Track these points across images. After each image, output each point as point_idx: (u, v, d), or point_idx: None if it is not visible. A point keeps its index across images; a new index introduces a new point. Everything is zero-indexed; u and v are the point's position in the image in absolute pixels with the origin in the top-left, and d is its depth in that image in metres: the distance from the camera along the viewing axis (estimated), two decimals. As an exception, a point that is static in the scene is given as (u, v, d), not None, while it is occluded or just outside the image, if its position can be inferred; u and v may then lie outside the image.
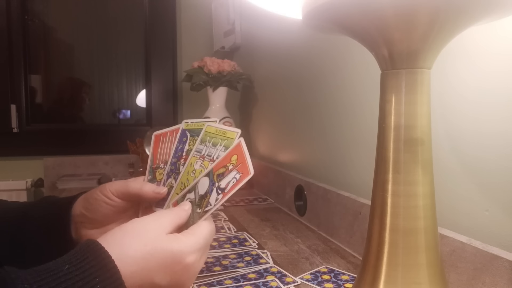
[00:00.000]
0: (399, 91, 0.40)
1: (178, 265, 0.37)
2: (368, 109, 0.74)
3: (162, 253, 0.36)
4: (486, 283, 0.46)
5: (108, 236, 0.36)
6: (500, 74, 0.48)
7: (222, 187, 0.40)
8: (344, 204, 0.76)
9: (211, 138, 0.44)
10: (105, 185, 0.47)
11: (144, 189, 0.45)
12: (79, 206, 0.47)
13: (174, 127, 0.48)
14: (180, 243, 0.37)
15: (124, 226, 0.37)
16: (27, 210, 0.49)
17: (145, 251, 0.35)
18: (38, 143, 1.64)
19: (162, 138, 0.48)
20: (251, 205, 1.10)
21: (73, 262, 0.32)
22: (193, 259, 0.38)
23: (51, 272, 0.30)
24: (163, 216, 0.39)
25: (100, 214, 0.46)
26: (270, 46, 1.25)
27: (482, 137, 0.51)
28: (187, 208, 0.41)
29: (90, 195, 0.47)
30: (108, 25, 1.81)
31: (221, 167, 0.41)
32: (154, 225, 0.37)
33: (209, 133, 0.44)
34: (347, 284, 0.59)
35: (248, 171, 0.39)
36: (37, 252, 0.47)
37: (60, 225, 0.47)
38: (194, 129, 0.46)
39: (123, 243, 0.35)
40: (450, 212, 0.55)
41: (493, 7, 0.37)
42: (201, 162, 0.43)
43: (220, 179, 0.41)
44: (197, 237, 0.39)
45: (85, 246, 0.34)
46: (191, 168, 0.44)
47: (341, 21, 0.42)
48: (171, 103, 1.77)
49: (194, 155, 0.44)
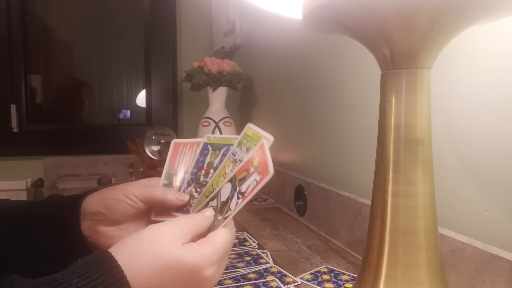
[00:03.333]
0: (399, 91, 0.40)
1: (195, 278, 0.35)
2: (368, 109, 0.74)
3: (178, 267, 0.34)
4: (486, 283, 0.46)
5: (122, 246, 0.34)
6: (500, 74, 0.48)
7: (242, 191, 0.38)
8: (344, 204, 0.76)
9: (247, 141, 0.42)
10: (127, 187, 0.46)
11: (168, 196, 0.45)
12: (96, 205, 0.47)
13: (195, 140, 0.48)
14: (196, 254, 0.35)
15: (140, 234, 0.35)
16: (31, 209, 0.49)
17: (160, 265, 0.33)
18: (38, 143, 1.64)
19: (182, 147, 0.48)
20: (251, 205, 1.10)
21: (83, 276, 0.30)
22: (210, 272, 0.35)
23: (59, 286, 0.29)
24: (182, 222, 0.37)
25: (120, 214, 0.46)
26: (270, 46, 1.25)
27: (482, 137, 0.51)
28: (209, 214, 0.39)
29: (109, 195, 0.47)
30: (108, 25, 1.81)
31: (243, 171, 0.39)
32: (170, 234, 0.35)
33: (247, 136, 0.42)
34: (347, 284, 0.59)
35: (268, 171, 0.37)
36: (41, 251, 0.47)
37: (66, 223, 0.47)
38: (215, 143, 0.46)
39: (137, 255, 0.33)
40: (450, 212, 0.55)
41: (493, 7, 0.37)
42: (232, 166, 0.42)
43: (241, 183, 0.39)
44: (216, 247, 0.36)
45: (97, 258, 0.32)
46: (223, 171, 0.43)
47: (341, 21, 0.42)
48: (171, 103, 1.77)
49: (229, 157, 0.43)
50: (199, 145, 0.47)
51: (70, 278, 0.30)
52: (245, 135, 0.42)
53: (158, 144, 1.27)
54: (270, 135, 0.40)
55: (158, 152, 1.26)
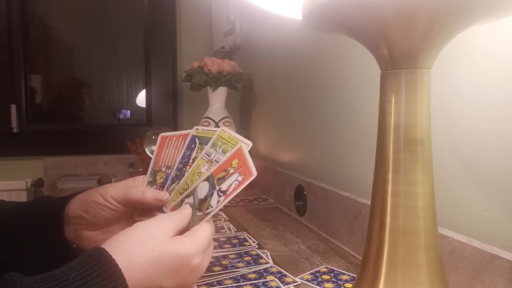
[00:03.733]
0: (399, 91, 0.40)
1: (185, 267, 0.37)
2: (368, 109, 0.74)
3: (169, 258, 0.36)
4: (486, 283, 0.46)
5: (114, 242, 0.36)
6: (500, 74, 0.48)
7: (223, 189, 0.41)
8: (344, 204, 0.76)
9: (222, 144, 0.44)
10: (105, 189, 0.46)
11: (146, 196, 0.44)
12: (77, 208, 0.46)
13: (183, 132, 0.48)
14: (185, 245, 0.38)
15: (129, 232, 0.37)
16: (21, 210, 0.48)
17: (152, 256, 0.35)
18: (38, 143, 1.64)
19: (168, 141, 0.48)
20: (251, 205, 1.10)
21: (80, 270, 0.32)
22: (199, 260, 0.39)
23: (57, 280, 0.30)
24: (166, 220, 0.39)
25: (101, 217, 0.46)
26: (270, 46, 1.25)
27: (482, 137, 0.51)
28: (188, 212, 0.42)
29: (89, 198, 0.46)
30: (108, 25, 1.81)
31: (221, 171, 0.42)
32: (158, 230, 0.38)
33: (222, 138, 0.44)
34: (347, 284, 0.59)
35: (251, 173, 0.40)
36: (33, 252, 0.46)
37: (54, 225, 0.46)
38: (203, 137, 0.46)
39: (129, 250, 0.35)
40: (450, 212, 0.55)
41: (493, 7, 0.37)
42: (208, 166, 0.43)
43: (220, 182, 0.41)
44: (201, 238, 0.39)
45: (92, 254, 0.33)
46: (198, 170, 0.44)
47: (341, 21, 0.42)
48: (171, 103, 1.77)
49: (203, 157, 0.44)
50: (187, 136, 0.47)
51: (67, 273, 0.31)
52: (219, 137, 0.44)
53: (158, 144, 1.26)
54: (249, 141, 0.43)
55: (158, 152, 1.26)
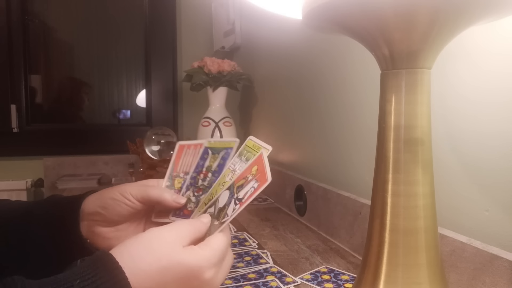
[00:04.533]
0: (399, 91, 0.40)
1: (195, 280, 0.35)
2: (368, 109, 0.74)
3: (178, 268, 0.35)
4: (486, 283, 0.46)
5: (122, 247, 0.35)
6: (500, 74, 0.48)
7: (240, 197, 0.40)
8: (344, 204, 0.76)
9: (246, 152, 0.44)
10: (125, 187, 0.46)
11: (164, 196, 0.45)
12: (94, 205, 0.47)
13: (198, 142, 0.49)
14: (196, 256, 0.36)
15: (139, 238, 0.36)
16: (31, 209, 0.48)
17: (161, 265, 0.34)
18: (38, 143, 1.64)
19: (186, 149, 0.49)
20: (251, 205, 1.09)
21: (85, 277, 0.31)
22: (211, 274, 0.36)
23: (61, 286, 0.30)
24: (180, 227, 0.38)
25: (117, 214, 0.46)
26: (270, 46, 1.25)
27: (482, 137, 0.51)
28: (206, 220, 0.40)
29: (106, 195, 0.47)
30: (108, 25, 1.81)
31: (242, 179, 0.41)
32: (170, 237, 0.36)
33: (248, 147, 0.44)
34: (347, 284, 0.59)
35: (266, 179, 0.39)
36: (42, 251, 0.47)
37: (65, 224, 0.47)
38: (215, 147, 0.47)
39: (137, 256, 0.34)
40: (450, 212, 0.55)
41: (493, 7, 0.37)
42: (232, 175, 0.43)
43: (239, 190, 0.40)
44: (214, 249, 0.37)
45: (98, 260, 0.33)
46: (223, 179, 0.44)
47: (341, 21, 0.42)
48: (171, 103, 1.77)
49: (229, 167, 0.44)
50: (201, 146, 0.48)
51: (72, 279, 0.30)
52: (246, 147, 0.44)
53: (158, 144, 1.27)
54: (269, 146, 0.42)
55: (158, 152, 1.26)
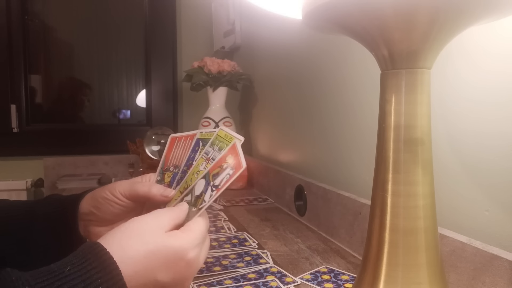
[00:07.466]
0: (399, 91, 0.40)
1: (181, 261, 0.38)
2: (368, 109, 0.74)
3: (164, 251, 0.36)
4: (486, 283, 0.46)
5: (109, 236, 0.36)
6: (500, 74, 0.48)
7: (216, 184, 0.42)
8: (344, 204, 0.76)
9: (219, 142, 0.45)
10: (114, 185, 0.47)
11: (152, 191, 0.46)
12: (88, 204, 0.48)
13: (191, 133, 0.49)
14: (181, 239, 0.38)
15: (124, 226, 0.37)
16: (33, 208, 0.49)
17: (147, 250, 0.36)
18: (38, 143, 1.64)
19: (177, 141, 0.50)
20: (251, 205, 1.10)
21: (75, 264, 0.32)
22: (194, 254, 0.39)
23: (52, 274, 0.31)
24: (162, 214, 0.40)
25: (109, 213, 0.47)
26: (270, 46, 1.25)
27: (482, 137, 0.51)
28: (184, 208, 0.42)
29: (98, 194, 0.47)
30: (108, 25, 1.81)
31: (217, 167, 0.43)
32: (153, 224, 0.38)
33: (219, 137, 0.46)
34: (347, 284, 0.59)
35: (241, 165, 0.41)
36: (44, 249, 0.47)
37: (67, 222, 0.47)
38: (206, 138, 0.47)
39: (125, 243, 0.35)
40: (450, 212, 0.55)
41: (493, 7, 0.37)
42: (206, 164, 0.44)
43: (215, 178, 0.42)
44: (196, 232, 0.40)
45: (87, 248, 0.34)
46: (197, 168, 0.45)
47: (341, 21, 0.42)
48: (171, 103, 1.77)
49: (202, 156, 0.45)
50: (193, 138, 0.48)
51: (63, 267, 0.31)
52: (218, 136, 0.46)
53: (158, 144, 1.27)
54: (241, 136, 0.44)
55: (158, 152, 1.26)
